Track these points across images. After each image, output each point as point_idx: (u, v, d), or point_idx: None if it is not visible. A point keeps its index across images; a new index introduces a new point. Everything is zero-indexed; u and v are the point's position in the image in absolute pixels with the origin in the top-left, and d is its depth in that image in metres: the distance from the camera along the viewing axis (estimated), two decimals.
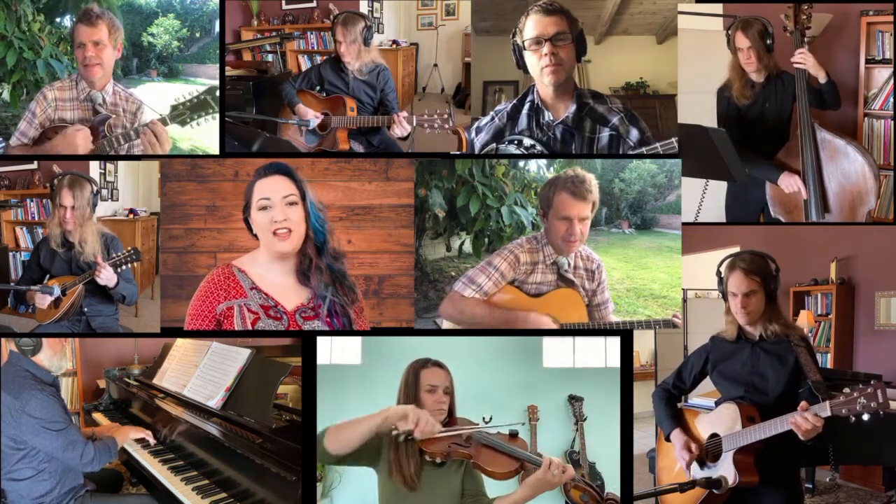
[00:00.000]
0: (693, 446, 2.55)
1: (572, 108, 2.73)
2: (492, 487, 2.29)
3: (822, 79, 3.19)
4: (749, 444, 2.38)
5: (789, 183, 3.20)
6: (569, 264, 2.95)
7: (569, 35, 2.60)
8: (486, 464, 2.17)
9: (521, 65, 2.70)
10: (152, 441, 2.93)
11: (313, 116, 3.48)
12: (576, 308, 2.92)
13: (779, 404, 2.41)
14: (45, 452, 2.57)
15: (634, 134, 2.70)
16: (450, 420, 2.28)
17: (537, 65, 2.64)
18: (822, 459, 2.92)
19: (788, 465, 2.47)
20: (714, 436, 2.52)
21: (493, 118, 2.87)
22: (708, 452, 2.54)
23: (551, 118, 2.75)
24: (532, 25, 2.62)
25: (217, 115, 2.99)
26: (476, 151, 2.94)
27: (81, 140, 3.01)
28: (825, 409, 2.21)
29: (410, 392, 2.27)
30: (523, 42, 2.64)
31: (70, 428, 2.60)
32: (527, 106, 2.78)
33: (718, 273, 2.58)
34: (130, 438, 2.92)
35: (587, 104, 2.71)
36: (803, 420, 2.22)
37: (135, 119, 3.14)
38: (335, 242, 2.30)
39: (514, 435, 2.27)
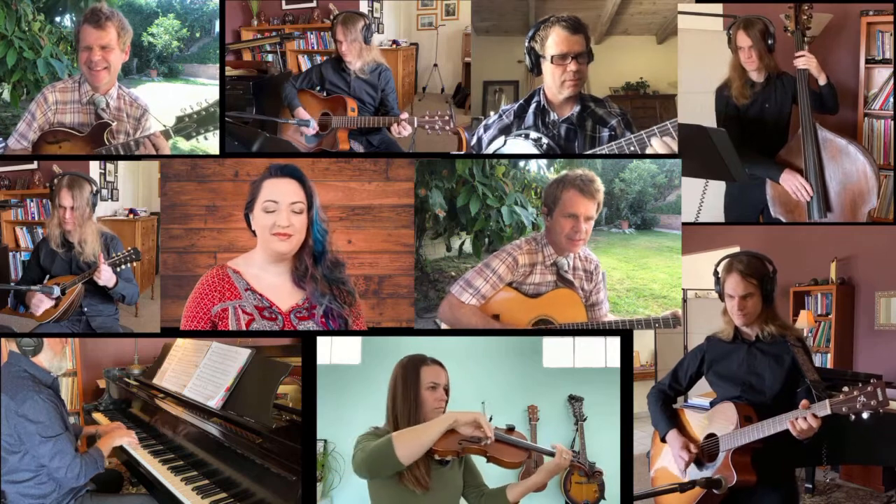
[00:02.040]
0: (691, 447, 2.55)
1: (576, 108, 2.88)
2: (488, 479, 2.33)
3: (822, 81, 3.18)
4: (746, 443, 2.38)
5: (792, 181, 3.20)
6: (568, 265, 2.95)
7: (586, 52, 2.79)
8: (501, 455, 2.17)
9: (535, 69, 2.86)
10: (135, 441, 2.90)
11: (313, 122, 3.48)
12: (574, 308, 2.92)
13: (775, 404, 2.41)
14: (34, 456, 2.54)
15: (629, 136, 2.82)
16: None
17: (559, 77, 2.81)
18: (818, 459, 2.92)
19: (784, 464, 2.47)
20: (711, 436, 2.52)
21: (500, 116, 2.99)
22: (704, 452, 2.54)
23: (556, 117, 2.89)
24: (558, 41, 2.77)
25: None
26: (484, 146, 3.00)
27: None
28: (825, 408, 2.21)
29: (410, 390, 2.18)
30: (544, 53, 2.80)
31: (62, 437, 2.55)
32: (533, 106, 2.92)
33: (716, 273, 2.58)
34: (115, 445, 2.86)
35: (589, 107, 2.88)
36: (802, 421, 2.23)
37: (138, 125, 3.08)
38: (334, 250, 2.28)
39: (511, 429, 2.28)
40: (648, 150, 2.71)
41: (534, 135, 2.88)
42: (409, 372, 2.21)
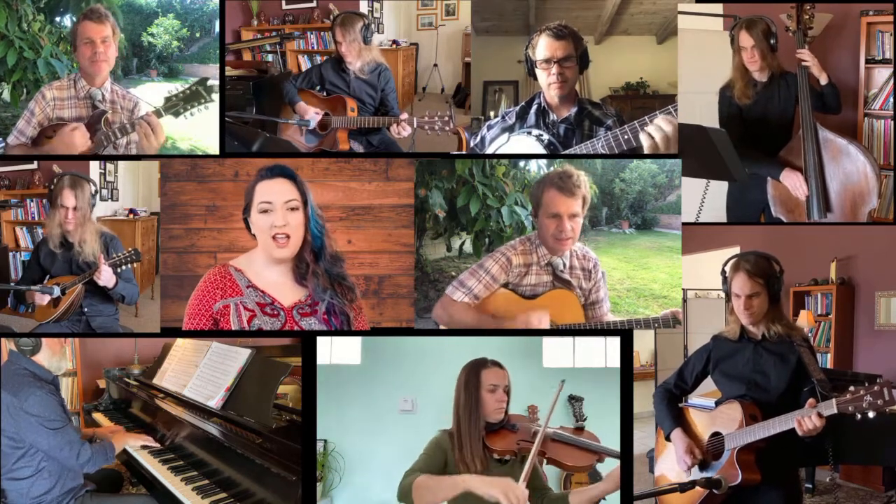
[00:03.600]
0: (696, 450, 2.54)
1: (574, 109, 2.97)
2: None
3: (824, 81, 3.18)
4: (752, 442, 2.38)
5: (792, 178, 3.19)
6: (564, 265, 2.94)
7: (574, 57, 2.89)
8: (560, 457, 2.17)
9: (532, 74, 2.97)
10: (155, 446, 2.91)
11: (313, 114, 3.48)
12: (571, 308, 2.91)
13: (780, 403, 2.42)
14: (43, 451, 2.57)
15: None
16: (506, 418, 2.29)
17: (546, 80, 2.93)
18: (822, 459, 2.92)
19: (788, 463, 2.47)
20: (716, 434, 2.52)
21: (503, 117, 3.09)
22: (709, 451, 2.53)
23: (556, 117, 2.98)
24: (544, 46, 2.89)
25: (210, 106, 3.01)
26: (487, 144, 3.07)
27: (79, 138, 3.03)
28: (831, 407, 2.21)
29: (471, 392, 2.26)
30: (535, 58, 2.93)
31: (68, 427, 2.60)
32: (534, 107, 3.01)
33: (723, 273, 2.59)
34: (130, 445, 2.90)
35: (586, 108, 2.98)
36: (808, 420, 2.23)
37: (132, 116, 3.15)
38: (333, 245, 2.30)
39: (580, 428, 2.28)
40: (643, 139, 2.73)
41: (536, 131, 2.98)
42: (470, 376, 2.29)
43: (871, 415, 2.15)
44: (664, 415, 2.69)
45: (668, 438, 2.66)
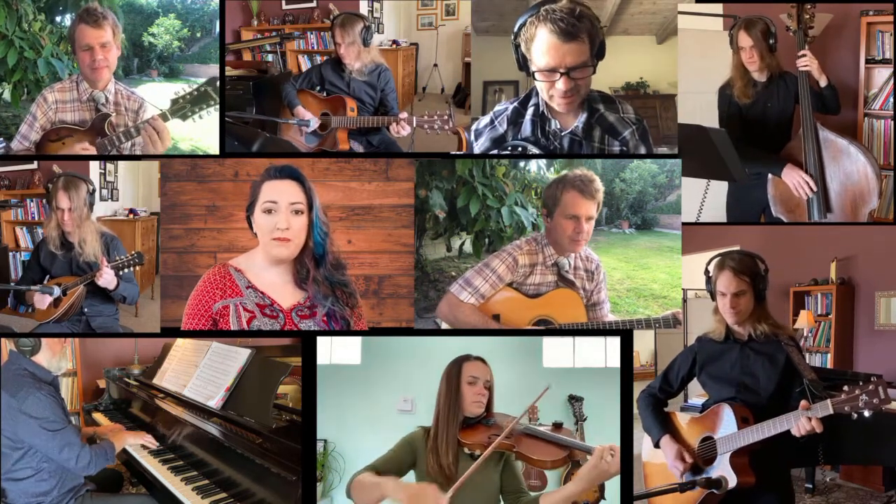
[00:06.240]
0: (686, 455, 2.50)
1: (582, 117, 2.46)
2: None
3: (823, 83, 3.19)
4: (745, 445, 2.36)
5: (794, 176, 3.19)
6: (569, 265, 2.95)
7: (590, 60, 2.26)
8: (529, 452, 2.15)
9: (524, 67, 2.39)
10: (153, 445, 2.91)
11: (312, 118, 3.48)
12: (574, 308, 2.92)
13: (771, 404, 2.40)
14: (41, 452, 2.56)
15: (642, 152, 2.53)
16: (487, 414, 2.29)
17: (546, 91, 2.36)
18: (814, 459, 2.90)
19: (780, 465, 2.45)
20: (707, 438, 2.49)
21: (492, 122, 2.57)
22: (700, 457, 2.50)
23: (559, 127, 2.49)
24: (545, 48, 2.26)
25: (218, 107, 2.97)
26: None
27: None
28: (827, 408, 2.20)
29: (452, 384, 2.27)
30: (530, 56, 2.33)
31: (67, 429, 2.59)
32: (531, 111, 2.49)
33: (706, 272, 2.57)
34: (129, 444, 2.90)
35: (598, 110, 2.46)
36: (806, 422, 2.21)
37: (137, 117, 3.12)
38: (335, 250, 2.27)
39: (558, 425, 2.27)
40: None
41: (533, 150, 2.50)
42: (452, 369, 2.30)
43: (866, 414, 2.14)
44: (651, 421, 2.64)
45: (656, 445, 2.62)
